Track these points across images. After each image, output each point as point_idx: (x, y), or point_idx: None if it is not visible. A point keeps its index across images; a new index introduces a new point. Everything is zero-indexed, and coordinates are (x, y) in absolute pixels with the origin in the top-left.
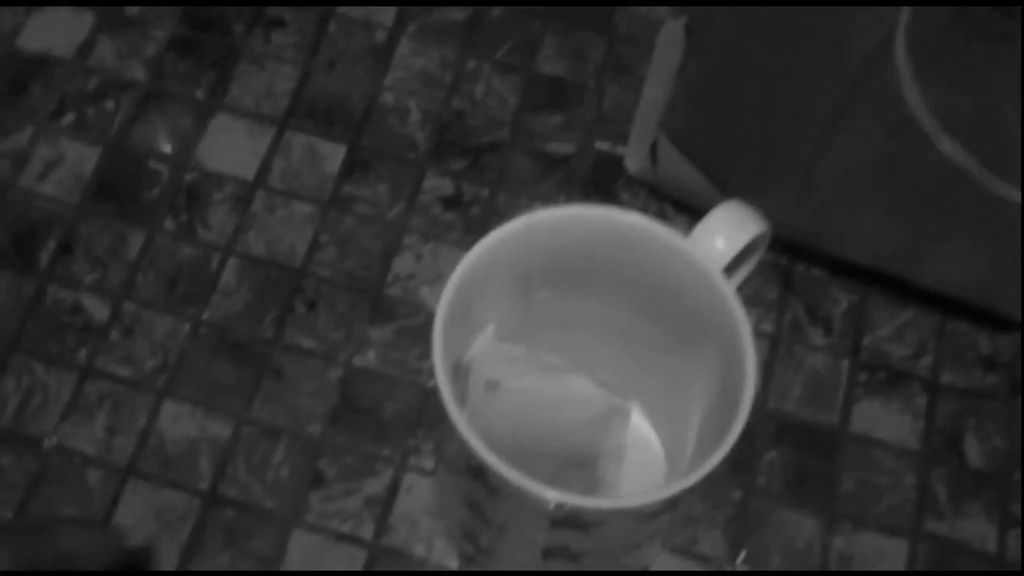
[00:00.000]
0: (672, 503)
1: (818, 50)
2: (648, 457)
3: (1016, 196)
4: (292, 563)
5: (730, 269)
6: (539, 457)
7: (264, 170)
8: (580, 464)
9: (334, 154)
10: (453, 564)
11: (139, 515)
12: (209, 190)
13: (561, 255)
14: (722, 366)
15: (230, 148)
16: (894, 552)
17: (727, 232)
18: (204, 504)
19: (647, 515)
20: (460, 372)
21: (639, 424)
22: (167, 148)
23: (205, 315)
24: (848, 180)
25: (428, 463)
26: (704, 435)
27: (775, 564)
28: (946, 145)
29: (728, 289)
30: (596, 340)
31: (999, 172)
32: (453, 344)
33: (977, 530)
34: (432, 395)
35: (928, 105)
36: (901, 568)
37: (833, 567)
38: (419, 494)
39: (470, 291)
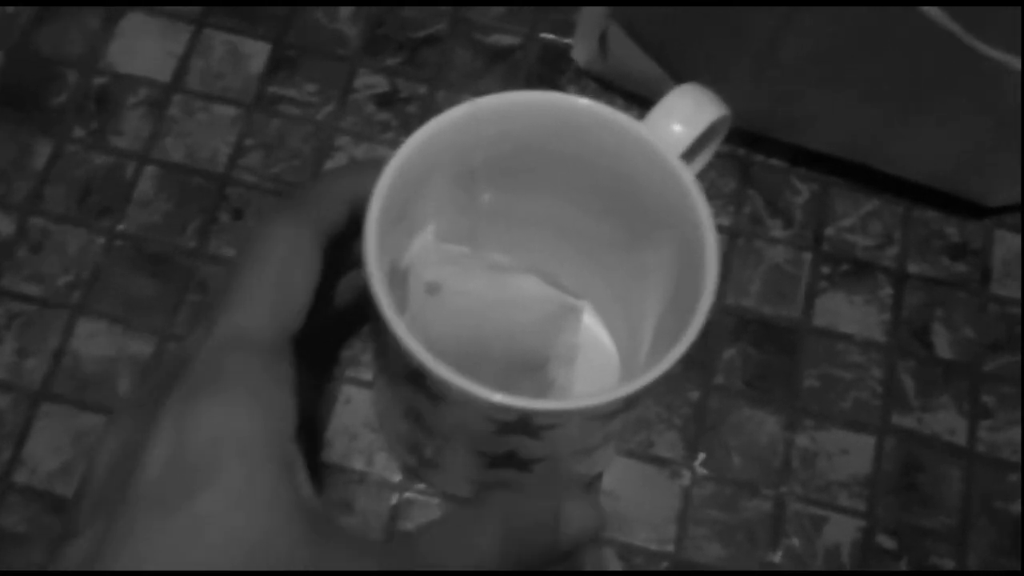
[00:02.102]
0: (627, 403)
1: None
2: (601, 358)
3: (1002, 57)
4: None
5: (688, 157)
6: (486, 362)
7: (181, 71)
8: (530, 368)
9: (258, 52)
10: (395, 478)
11: (54, 441)
12: (122, 94)
13: (507, 146)
14: (680, 259)
15: (143, 49)
16: (860, 448)
17: (685, 115)
18: None
19: (600, 417)
20: (398, 276)
21: (591, 324)
22: (75, 50)
23: (121, 227)
24: (814, 58)
25: (367, 374)
26: (661, 333)
27: (736, 464)
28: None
29: (687, 176)
30: (545, 238)
31: (984, 36)
32: (389, 246)
33: (946, 423)
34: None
35: None
36: (867, 463)
37: (796, 465)
38: (358, 406)
39: (406, 187)
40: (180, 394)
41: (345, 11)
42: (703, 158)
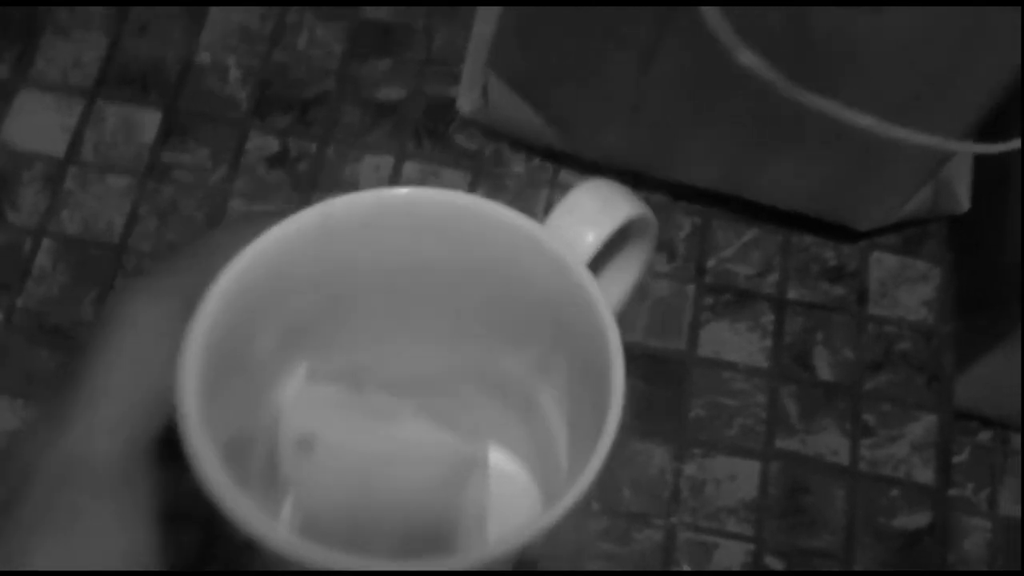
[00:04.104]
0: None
1: None
2: (521, 502)
3: (820, 104)
4: None
5: (610, 270)
6: (380, 537)
7: (75, 145)
8: (434, 539)
9: (150, 121)
10: None
11: None
12: (17, 171)
13: (374, 258)
14: (583, 374)
15: (38, 125)
16: (746, 473)
17: (591, 215)
18: None
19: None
20: (262, 432)
21: (502, 463)
22: None
23: (19, 302)
24: (672, 103)
25: None
26: (575, 451)
27: (626, 497)
28: (746, 58)
29: (591, 284)
30: (433, 361)
31: (803, 82)
32: (231, 401)
33: (828, 443)
34: None
35: (729, 18)
36: (754, 488)
37: (685, 494)
38: None
39: (245, 323)
40: (9, 535)
41: (235, 74)
42: (629, 273)
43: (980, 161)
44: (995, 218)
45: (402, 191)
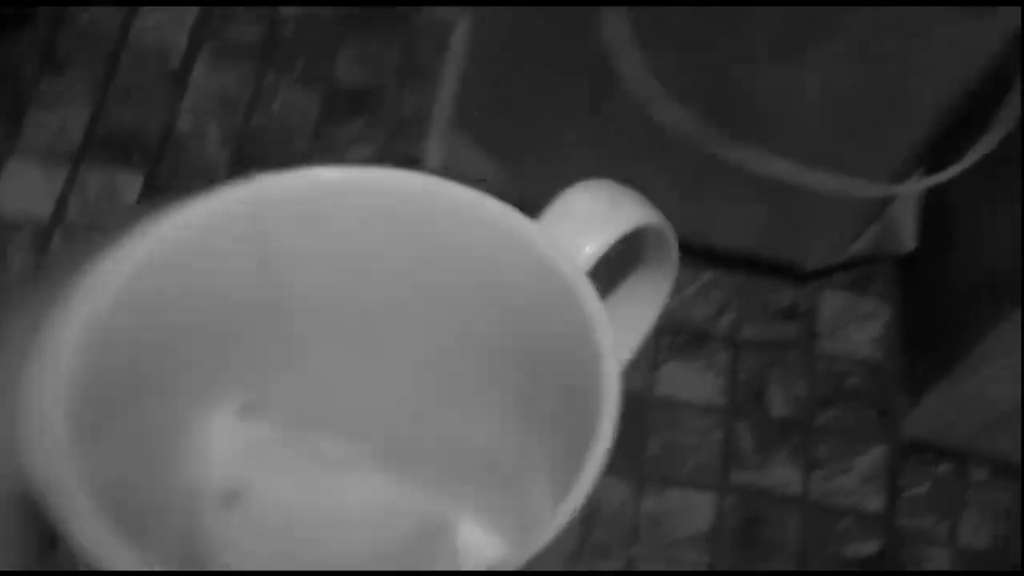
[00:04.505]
0: None
1: (570, 38)
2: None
3: (738, 155)
4: None
5: (616, 303)
6: None
7: (61, 208)
8: None
9: (132, 184)
10: None
11: None
12: (6, 234)
13: (327, 258)
14: (570, 410)
15: (25, 190)
16: (702, 506)
17: (594, 216)
18: None
19: None
20: (177, 483)
21: (476, 537)
22: None
23: None
24: (618, 152)
25: None
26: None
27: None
28: (662, 112)
29: (586, 292)
30: (395, 403)
31: (729, 134)
32: (123, 449)
33: (782, 476)
34: None
35: (654, 71)
36: (710, 520)
37: (643, 528)
38: None
39: (137, 339)
40: None
41: (213, 137)
42: (646, 304)
43: (927, 201)
44: (940, 255)
45: (348, 171)
